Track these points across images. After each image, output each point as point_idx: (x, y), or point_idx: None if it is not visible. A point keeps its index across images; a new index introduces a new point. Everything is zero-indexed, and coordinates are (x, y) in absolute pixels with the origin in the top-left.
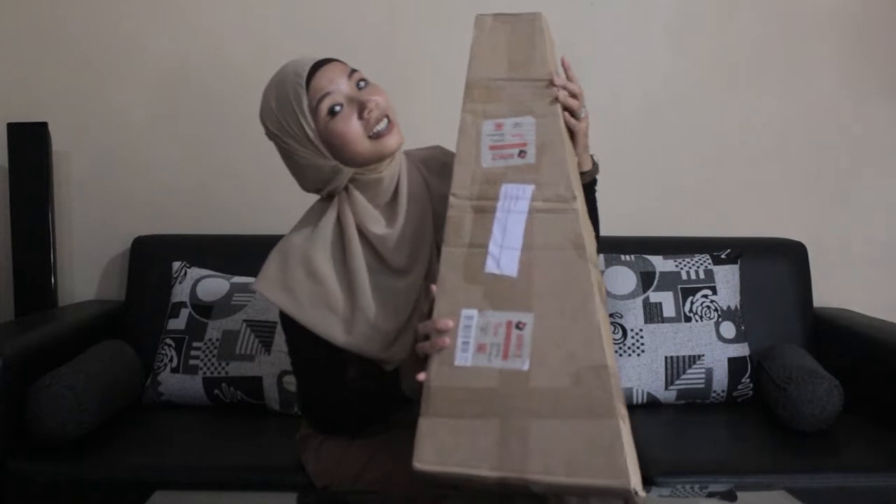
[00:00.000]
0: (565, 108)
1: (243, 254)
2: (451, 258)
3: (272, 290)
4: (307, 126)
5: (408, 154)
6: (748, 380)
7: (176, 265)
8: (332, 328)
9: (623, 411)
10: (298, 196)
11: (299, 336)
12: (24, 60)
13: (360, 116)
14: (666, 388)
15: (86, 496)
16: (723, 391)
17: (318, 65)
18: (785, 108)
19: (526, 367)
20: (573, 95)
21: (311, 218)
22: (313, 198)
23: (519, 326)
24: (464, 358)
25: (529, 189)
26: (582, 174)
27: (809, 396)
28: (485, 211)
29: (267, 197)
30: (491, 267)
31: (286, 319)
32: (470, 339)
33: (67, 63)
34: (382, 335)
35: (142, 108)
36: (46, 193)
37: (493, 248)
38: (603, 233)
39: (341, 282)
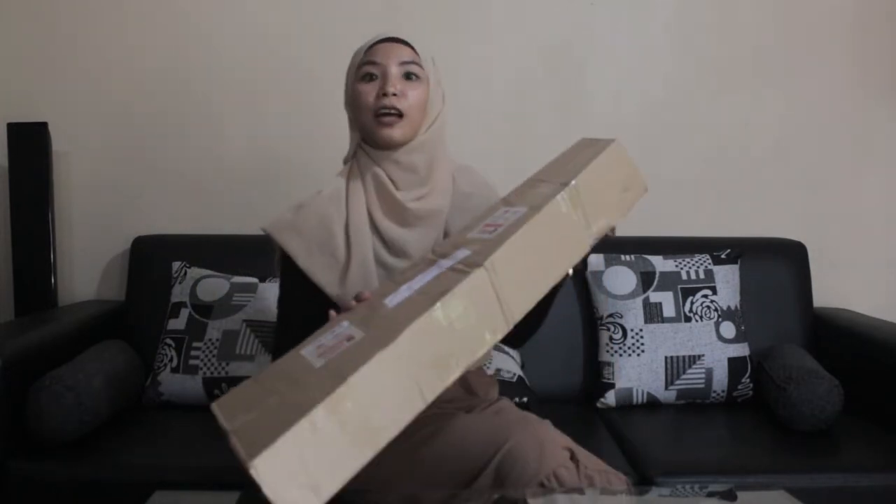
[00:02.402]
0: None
1: (243, 254)
2: (382, 288)
3: (281, 232)
4: (349, 79)
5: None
6: (748, 380)
7: (176, 265)
8: (330, 278)
9: (334, 416)
10: (299, 196)
11: (294, 286)
12: (24, 60)
13: (378, 95)
14: (666, 388)
15: (86, 496)
16: (723, 391)
17: (388, 39)
18: (785, 108)
19: (318, 365)
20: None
21: (329, 181)
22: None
23: (349, 339)
24: (308, 351)
25: (463, 253)
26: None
27: (809, 396)
28: (431, 263)
29: (267, 197)
30: (390, 300)
31: (286, 266)
32: (323, 342)
33: (67, 63)
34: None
35: (141, 108)
36: (46, 193)
37: (404, 287)
38: None
39: (346, 235)
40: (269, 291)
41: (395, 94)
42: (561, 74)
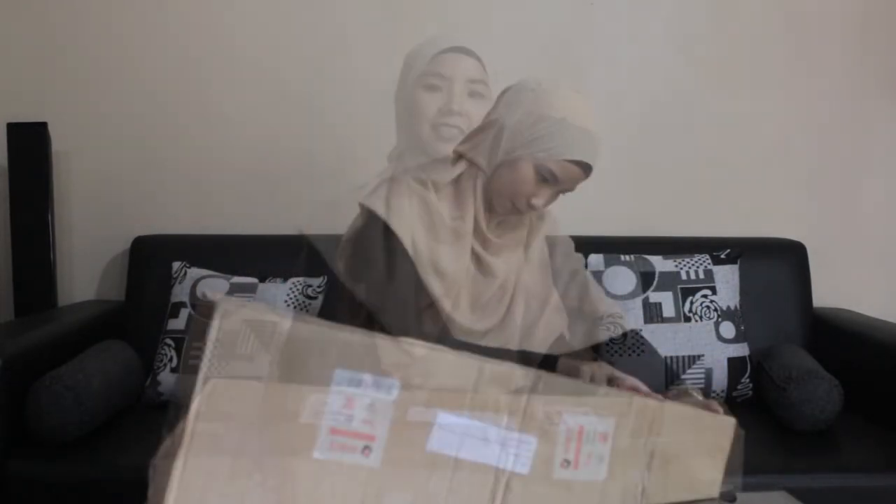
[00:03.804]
0: None
1: (243, 254)
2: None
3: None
4: (407, 83)
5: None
6: (748, 380)
7: (176, 265)
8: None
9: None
10: (299, 197)
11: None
12: (24, 60)
13: (441, 111)
14: (666, 388)
15: (86, 496)
16: (722, 391)
17: (458, 49)
18: (785, 108)
19: (317, 423)
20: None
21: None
22: (305, 201)
23: (364, 449)
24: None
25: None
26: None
27: (809, 396)
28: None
29: (267, 197)
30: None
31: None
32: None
33: (67, 63)
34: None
35: (141, 108)
36: (46, 193)
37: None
38: (603, 233)
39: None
40: (269, 291)
41: (459, 114)
42: (561, 74)
